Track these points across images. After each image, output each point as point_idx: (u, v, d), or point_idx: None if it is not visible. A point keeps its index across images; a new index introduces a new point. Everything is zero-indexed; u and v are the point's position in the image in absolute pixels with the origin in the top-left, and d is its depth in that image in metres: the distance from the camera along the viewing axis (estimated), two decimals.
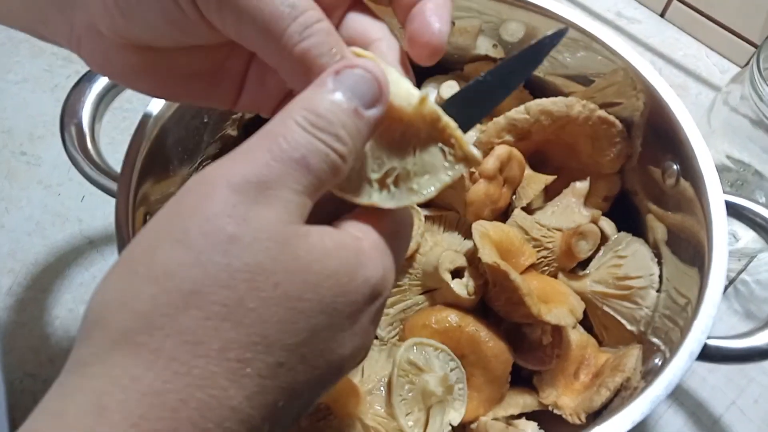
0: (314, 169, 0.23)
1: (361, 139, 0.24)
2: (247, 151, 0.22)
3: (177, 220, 0.22)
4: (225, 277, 0.21)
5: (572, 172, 0.50)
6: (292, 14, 0.24)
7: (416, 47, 0.27)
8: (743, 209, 0.43)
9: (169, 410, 0.20)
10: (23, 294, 0.57)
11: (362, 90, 0.24)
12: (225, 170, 0.22)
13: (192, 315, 0.21)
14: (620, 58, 0.46)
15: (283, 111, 0.23)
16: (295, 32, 0.24)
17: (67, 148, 0.44)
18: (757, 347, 0.39)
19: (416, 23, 0.27)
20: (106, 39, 0.28)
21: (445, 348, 0.42)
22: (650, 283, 0.45)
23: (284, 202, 0.22)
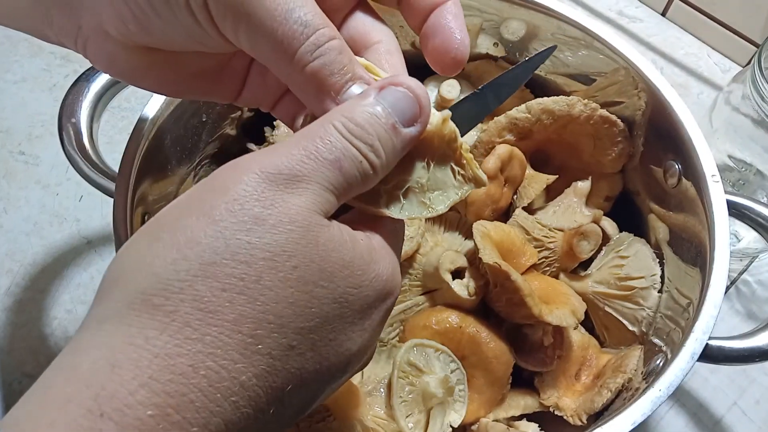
0: (346, 173, 0.24)
1: (395, 154, 0.25)
2: (284, 146, 0.23)
3: (207, 196, 0.23)
4: (245, 253, 0.22)
5: (574, 171, 0.50)
6: (305, 33, 0.25)
7: (441, 61, 0.28)
8: (745, 209, 0.43)
9: (179, 374, 0.20)
10: (21, 295, 0.57)
11: (402, 107, 0.25)
12: (260, 159, 0.23)
13: (208, 284, 0.21)
14: (622, 57, 0.46)
15: (324, 116, 0.24)
16: (307, 52, 0.25)
17: (65, 148, 0.43)
18: (758, 348, 0.39)
19: (439, 38, 0.28)
20: (115, 41, 0.28)
21: (445, 349, 0.41)
22: (652, 284, 0.45)
23: (312, 194, 0.23)
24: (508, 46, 0.52)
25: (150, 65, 0.30)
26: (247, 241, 0.22)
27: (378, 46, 0.29)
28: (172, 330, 0.21)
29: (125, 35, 0.28)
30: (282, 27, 0.25)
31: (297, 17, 0.25)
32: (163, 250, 0.22)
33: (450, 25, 0.28)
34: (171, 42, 0.28)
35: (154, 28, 0.27)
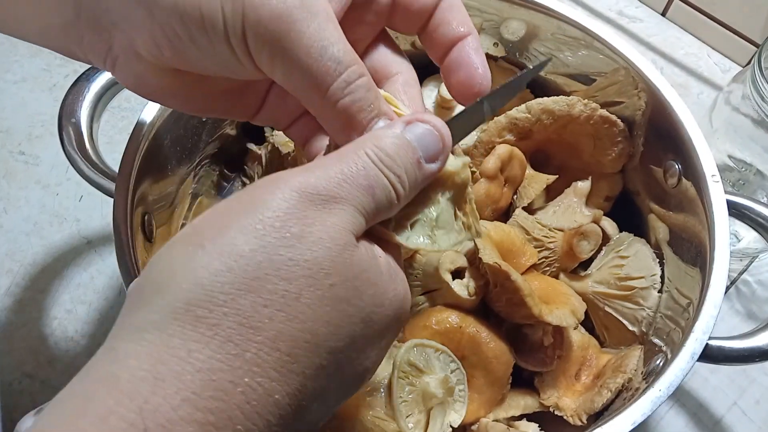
0: (377, 199, 0.25)
1: (416, 187, 0.27)
2: (322, 167, 0.24)
3: (249, 208, 0.23)
4: (287, 269, 0.22)
5: (574, 171, 0.50)
6: (338, 70, 0.26)
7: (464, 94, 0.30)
8: (745, 209, 0.43)
9: (220, 390, 0.20)
10: (21, 295, 0.57)
11: (427, 143, 0.26)
12: (300, 178, 0.24)
13: (251, 299, 0.21)
14: (622, 57, 0.46)
15: (356, 142, 0.26)
16: (338, 88, 0.26)
17: (65, 148, 0.43)
18: (758, 348, 0.39)
19: (463, 72, 0.30)
20: (145, 62, 0.29)
21: (445, 349, 0.41)
22: (652, 284, 0.45)
23: (347, 215, 0.24)
24: (508, 46, 0.52)
25: (177, 86, 0.30)
26: (289, 257, 0.22)
27: (398, 77, 0.31)
28: (215, 345, 0.21)
29: (157, 58, 0.28)
30: (317, 63, 0.25)
31: (331, 54, 0.26)
32: (207, 259, 0.22)
33: (473, 60, 0.30)
34: (203, 68, 0.28)
35: (189, 55, 0.27)
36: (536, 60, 0.52)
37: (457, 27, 0.30)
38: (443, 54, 0.30)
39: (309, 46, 0.25)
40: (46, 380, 0.53)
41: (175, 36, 0.27)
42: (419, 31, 0.31)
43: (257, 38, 0.26)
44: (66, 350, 0.55)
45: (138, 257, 0.39)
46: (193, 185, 0.51)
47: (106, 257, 0.59)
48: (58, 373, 0.54)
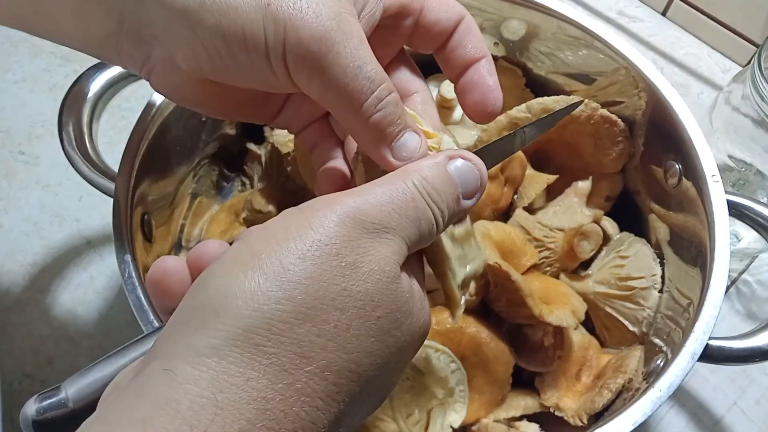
0: (421, 231, 0.26)
1: (451, 222, 0.28)
2: (374, 194, 0.25)
3: (306, 232, 0.23)
4: (341, 300, 0.23)
5: (574, 171, 0.50)
6: (371, 88, 0.28)
7: (478, 113, 0.32)
8: (745, 209, 0.43)
9: (272, 419, 0.21)
10: (21, 295, 0.57)
11: (468, 180, 0.28)
12: (353, 204, 0.24)
13: (307, 328, 0.22)
14: (622, 57, 0.46)
15: (403, 171, 0.27)
16: (371, 105, 0.28)
17: (65, 148, 0.43)
18: (758, 348, 0.39)
19: (478, 93, 0.32)
20: (181, 73, 0.30)
21: (445, 349, 0.41)
22: (652, 284, 0.45)
23: (396, 245, 0.25)
24: (509, 46, 0.52)
25: (208, 94, 0.32)
26: (344, 288, 0.23)
27: (416, 96, 0.33)
28: (271, 374, 0.21)
29: (195, 71, 0.29)
30: (353, 82, 0.27)
31: (365, 73, 0.27)
32: (266, 285, 0.22)
33: (487, 83, 0.32)
34: (238, 81, 0.30)
35: (227, 70, 0.29)
36: (537, 60, 0.52)
37: (473, 50, 0.32)
38: (458, 74, 0.33)
39: (345, 66, 0.27)
40: (46, 380, 0.53)
41: (216, 52, 0.28)
42: (435, 51, 0.33)
43: (297, 58, 0.27)
44: (66, 350, 0.55)
45: (137, 257, 0.39)
46: (192, 185, 0.51)
47: (106, 257, 0.59)
48: (58, 374, 0.54)
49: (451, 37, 0.32)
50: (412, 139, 0.29)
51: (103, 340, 0.55)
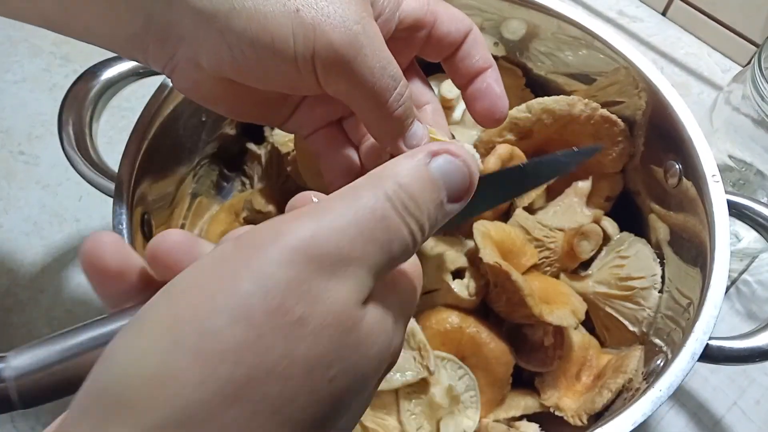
0: (393, 255, 0.21)
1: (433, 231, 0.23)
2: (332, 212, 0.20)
3: (240, 284, 0.19)
4: (283, 367, 0.18)
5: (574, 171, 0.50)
6: (394, 85, 0.29)
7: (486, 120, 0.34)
8: (745, 209, 0.43)
9: None
10: (21, 294, 0.57)
11: (454, 180, 0.23)
12: (307, 232, 0.20)
13: (241, 408, 0.18)
14: (622, 57, 0.46)
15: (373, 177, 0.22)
16: (395, 100, 0.29)
17: (65, 148, 0.43)
18: (759, 348, 0.39)
19: (487, 101, 0.34)
20: (203, 72, 0.30)
21: (452, 357, 0.41)
22: (652, 284, 0.45)
23: (358, 281, 0.20)
24: (509, 46, 0.52)
25: (228, 94, 0.32)
26: (286, 352, 0.18)
27: (427, 107, 0.35)
28: None
29: (218, 72, 0.30)
30: (379, 81, 0.29)
31: (389, 72, 0.29)
32: (187, 363, 0.18)
33: (495, 91, 0.34)
34: (261, 83, 0.30)
35: (251, 72, 0.29)
36: (537, 60, 0.52)
37: (480, 61, 0.34)
38: (467, 83, 0.34)
39: (372, 67, 0.28)
40: None
41: (242, 56, 0.28)
42: (443, 60, 0.35)
43: (326, 61, 0.28)
44: None
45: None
46: (192, 185, 0.51)
47: None
48: None
49: (460, 47, 0.34)
50: (419, 129, 0.31)
51: None
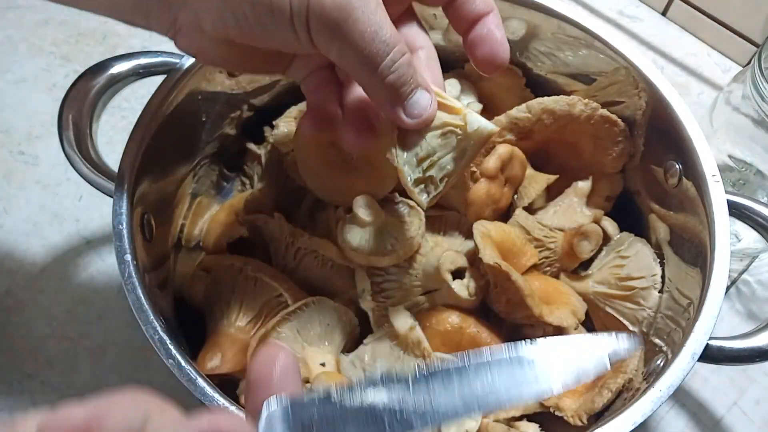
0: None
1: None
2: None
3: None
4: None
5: (574, 171, 0.50)
6: (386, 51, 0.29)
7: (488, 66, 0.34)
8: (745, 209, 0.43)
9: None
10: (21, 294, 0.57)
11: None
12: None
13: None
14: (622, 57, 0.46)
15: None
16: (386, 67, 0.30)
17: (65, 148, 0.43)
18: (759, 348, 0.39)
19: (487, 46, 0.33)
20: (206, 35, 0.32)
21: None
22: (652, 284, 0.45)
23: None
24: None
25: (231, 54, 0.34)
26: None
27: (420, 52, 0.35)
28: None
29: (220, 34, 0.31)
30: (370, 46, 0.29)
31: (381, 38, 0.29)
32: None
33: (495, 36, 0.33)
34: (261, 43, 0.32)
35: (252, 33, 0.31)
36: (537, 60, 0.51)
37: (480, 4, 0.34)
38: (467, 28, 0.34)
39: (363, 31, 0.29)
40: (45, 380, 0.53)
41: (243, 18, 0.30)
42: (443, 6, 0.34)
43: (319, 23, 0.29)
44: (66, 350, 0.55)
45: (138, 257, 0.39)
46: (192, 185, 0.51)
47: (106, 257, 0.59)
48: (57, 374, 0.54)
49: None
50: (423, 98, 0.31)
51: (103, 341, 0.55)
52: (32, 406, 0.52)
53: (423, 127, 0.33)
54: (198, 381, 0.34)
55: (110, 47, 0.71)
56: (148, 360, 0.54)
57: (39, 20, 0.72)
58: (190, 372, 0.35)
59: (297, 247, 0.45)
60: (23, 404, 0.53)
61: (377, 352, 0.42)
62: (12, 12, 0.73)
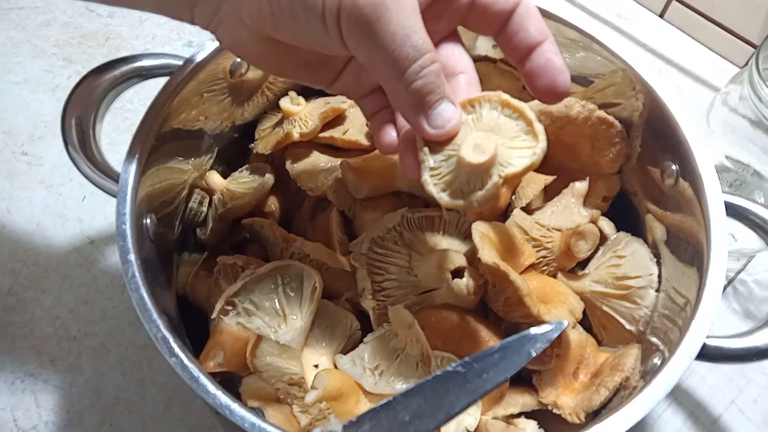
0: None
1: None
2: None
3: None
4: None
5: (571, 172, 0.50)
6: (415, 56, 0.29)
7: (549, 96, 0.33)
8: (742, 209, 0.43)
9: None
10: (24, 294, 0.58)
11: None
12: None
13: None
14: (619, 59, 0.46)
15: None
16: (413, 72, 0.29)
17: (68, 149, 0.44)
18: (755, 347, 0.39)
19: (548, 78, 0.32)
20: (246, 29, 0.32)
21: (451, 356, 0.42)
22: (649, 283, 0.45)
23: None
24: None
25: (268, 52, 0.34)
26: None
27: (461, 77, 0.34)
28: None
29: (258, 27, 0.32)
30: (399, 49, 0.29)
31: (412, 42, 0.29)
32: None
33: (555, 65, 0.32)
34: (296, 39, 0.32)
35: (286, 27, 0.31)
36: None
37: (535, 33, 0.32)
38: (522, 58, 0.33)
39: (395, 33, 0.28)
40: (48, 380, 0.54)
41: (278, 9, 0.30)
42: (495, 34, 0.33)
43: (350, 20, 0.29)
44: (69, 350, 0.55)
45: (141, 257, 0.39)
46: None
47: (109, 257, 0.60)
48: (60, 372, 0.54)
49: (510, 19, 0.32)
50: (447, 109, 0.31)
51: (106, 340, 0.56)
52: (35, 405, 0.53)
53: (444, 139, 0.32)
54: (200, 379, 0.35)
55: (113, 49, 0.71)
56: (151, 359, 0.55)
57: (42, 22, 0.73)
58: (193, 370, 0.35)
59: (291, 252, 0.46)
60: (26, 403, 0.53)
61: (377, 350, 0.42)
62: (15, 13, 0.73)
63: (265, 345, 0.41)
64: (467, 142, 0.31)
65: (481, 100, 0.33)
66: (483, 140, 0.31)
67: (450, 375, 0.29)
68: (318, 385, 0.39)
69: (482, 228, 0.44)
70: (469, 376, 0.29)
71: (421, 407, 0.27)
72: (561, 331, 0.32)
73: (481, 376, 0.29)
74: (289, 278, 0.43)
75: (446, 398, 0.29)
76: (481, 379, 0.29)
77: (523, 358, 0.31)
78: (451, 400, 0.29)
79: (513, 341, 0.31)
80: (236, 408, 0.34)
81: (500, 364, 0.30)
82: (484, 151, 0.31)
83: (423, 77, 0.29)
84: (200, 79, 0.45)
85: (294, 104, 0.49)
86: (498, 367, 0.30)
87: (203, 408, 0.52)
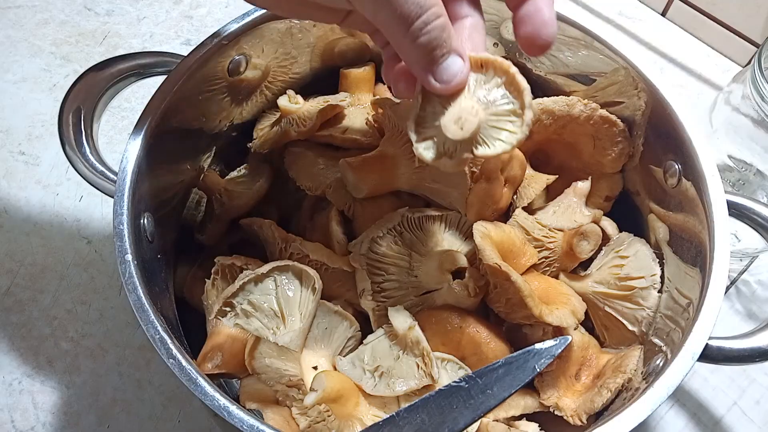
0: None
1: None
2: None
3: None
4: None
5: (574, 171, 0.50)
6: (419, 12, 0.30)
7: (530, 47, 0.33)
8: (745, 209, 0.43)
9: None
10: (21, 294, 0.57)
11: None
12: None
13: None
14: (622, 58, 0.46)
15: None
16: (418, 28, 0.30)
17: (65, 149, 0.43)
18: (758, 348, 0.39)
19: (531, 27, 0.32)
20: None
21: (452, 358, 0.41)
22: (652, 284, 0.45)
23: None
24: (509, 46, 0.52)
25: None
26: None
27: (466, 20, 0.34)
28: None
29: None
30: (403, 6, 0.29)
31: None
32: None
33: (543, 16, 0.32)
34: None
35: None
36: (537, 61, 0.52)
37: None
38: (517, 4, 0.33)
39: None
40: (46, 380, 0.53)
41: None
42: None
43: None
44: (66, 350, 0.55)
45: (138, 257, 0.39)
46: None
47: (107, 257, 0.59)
48: (58, 373, 0.54)
49: None
50: (454, 64, 0.31)
51: (103, 340, 0.55)
52: (33, 406, 0.53)
53: (450, 93, 0.32)
54: (198, 381, 0.34)
55: (110, 47, 0.71)
56: (149, 360, 0.54)
57: (39, 20, 0.72)
58: (191, 371, 0.35)
59: (290, 252, 0.45)
60: (24, 405, 0.53)
61: (377, 352, 0.42)
62: (12, 12, 0.73)
63: (264, 346, 0.41)
64: (454, 110, 0.32)
65: (490, 66, 0.33)
66: (469, 115, 0.32)
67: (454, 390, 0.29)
68: (317, 386, 0.38)
69: (484, 228, 0.43)
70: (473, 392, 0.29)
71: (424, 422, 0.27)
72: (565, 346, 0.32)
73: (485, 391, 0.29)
74: (287, 279, 0.42)
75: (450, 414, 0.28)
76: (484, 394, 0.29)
77: (527, 373, 0.31)
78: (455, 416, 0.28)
79: (517, 356, 0.31)
80: (234, 410, 0.33)
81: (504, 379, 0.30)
82: (464, 128, 0.32)
83: (427, 33, 0.30)
84: (198, 78, 0.45)
85: (292, 103, 0.49)
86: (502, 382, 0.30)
87: (201, 409, 0.52)
